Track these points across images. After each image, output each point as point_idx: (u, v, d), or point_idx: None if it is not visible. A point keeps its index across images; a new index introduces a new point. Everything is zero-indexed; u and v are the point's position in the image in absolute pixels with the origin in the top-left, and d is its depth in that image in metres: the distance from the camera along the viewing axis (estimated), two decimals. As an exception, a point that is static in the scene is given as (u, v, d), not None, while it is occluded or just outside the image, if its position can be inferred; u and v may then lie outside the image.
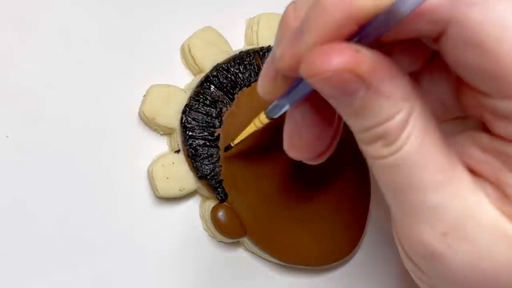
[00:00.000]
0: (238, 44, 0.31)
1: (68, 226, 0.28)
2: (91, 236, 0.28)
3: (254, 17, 0.31)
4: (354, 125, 0.18)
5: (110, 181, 0.29)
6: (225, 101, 0.29)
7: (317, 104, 0.19)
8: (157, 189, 0.28)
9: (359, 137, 0.18)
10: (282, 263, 0.30)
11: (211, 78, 0.29)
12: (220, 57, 0.30)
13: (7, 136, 0.28)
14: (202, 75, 0.29)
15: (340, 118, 0.21)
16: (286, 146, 0.21)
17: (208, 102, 0.29)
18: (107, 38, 0.30)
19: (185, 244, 0.29)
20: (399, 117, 0.17)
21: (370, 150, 0.18)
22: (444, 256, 0.18)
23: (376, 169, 0.18)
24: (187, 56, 0.30)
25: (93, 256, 0.28)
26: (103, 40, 0.30)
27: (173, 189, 0.28)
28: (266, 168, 0.29)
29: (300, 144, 0.21)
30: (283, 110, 0.21)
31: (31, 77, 0.29)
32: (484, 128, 0.18)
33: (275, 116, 0.23)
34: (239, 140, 0.27)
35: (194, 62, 0.30)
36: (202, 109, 0.29)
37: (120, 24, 0.30)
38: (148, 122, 0.29)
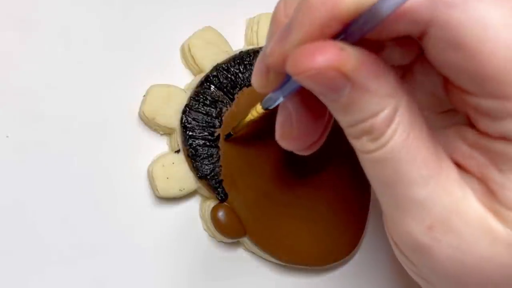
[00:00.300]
0: (238, 44, 0.31)
1: (68, 226, 0.28)
2: (91, 236, 0.28)
3: (254, 17, 0.31)
4: (341, 120, 0.18)
5: (110, 181, 0.29)
6: (225, 101, 0.29)
7: (309, 97, 0.19)
8: (157, 189, 0.28)
9: (347, 131, 0.18)
10: (282, 263, 0.30)
11: (211, 78, 0.29)
12: (220, 57, 0.30)
13: (7, 136, 0.28)
14: (202, 75, 0.29)
15: None
16: (278, 136, 0.22)
17: (208, 102, 0.29)
18: (107, 38, 0.30)
19: (185, 244, 0.29)
20: (385, 113, 0.17)
21: (358, 144, 0.18)
22: (431, 249, 0.18)
23: (365, 163, 0.19)
24: (187, 56, 0.30)
25: (93, 256, 0.28)
26: (103, 40, 0.30)
27: (173, 189, 0.28)
28: (267, 168, 0.29)
29: (291, 134, 0.21)
30: (278, 102, 0.22)
31: (31, 77, 0.29)
32: (471, 123, 0.19)
33: (271, 107, 0.23)
34: (239, 128, 0.28)
35: (194, 62, 0.30)
36: (202, 109, 0.29)
37: (120, 24, 0.30)
38: (148, 122, 0.29)
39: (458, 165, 0.19)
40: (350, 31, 0.16)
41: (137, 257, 0.29)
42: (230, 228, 0.28)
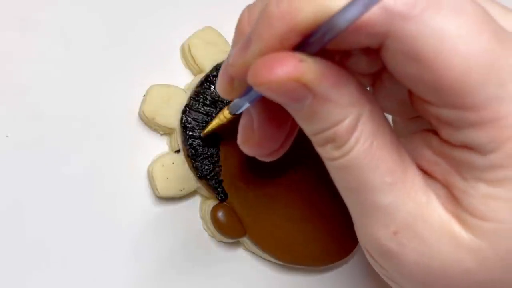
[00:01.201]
0: (238, 44, 0.31)
1: (67, 225, 0.28)
2: (90, 235, 0.28)
3: (254, 17, 0.31)
4: (305, 128, 0.18)
5: (110, 181, 0.29)
6: (225, 101, 0.29)
7: (271, 105, 0.20)
8: (157, 189, 0.28)
9: (312, 139, 0.19)
10: (281, 263, 0.30)
11: (211, 78, 0.29)
12: (220, 57, 0.30)
13: (7, 136, 0.28)
14: (202, 75, 0.29)
15: None
16: (239, 140, 0.22)
17: (208, 102, 0.29)
18: (107, 38, 0.30)
19: (185, 244, 0.29)
20: (347, 122, 0.17)
21: (323, 152, 0.19)
22: (397, 254, 0.19)
23: (331, 169, 0.19)
24: (187, 56, 0.30)
25: (93, 256, 0.28)
26: (103, 40, 0.30)
27: (173, 189, 0.29)
28: (266, 168, 0.29)
29: (252, 140, 0.21)
30: (243, 108, 0.22)
31: (31, 77, 0.29)
32: (434, 130, 0.19)
33: (238, 113, 0.23)
34: (206, 132, 0.28)
35: (194, 62, 0.30)
36: (202, 109, 0.29)
37: (120, 24, 0.30)
38: (148, 122, 0.29)
39: (424, 171, 0.19)
40: (310, 42, 0.17)
41: (137, 257, 0.29)
42: (230, 228, 0.28)
